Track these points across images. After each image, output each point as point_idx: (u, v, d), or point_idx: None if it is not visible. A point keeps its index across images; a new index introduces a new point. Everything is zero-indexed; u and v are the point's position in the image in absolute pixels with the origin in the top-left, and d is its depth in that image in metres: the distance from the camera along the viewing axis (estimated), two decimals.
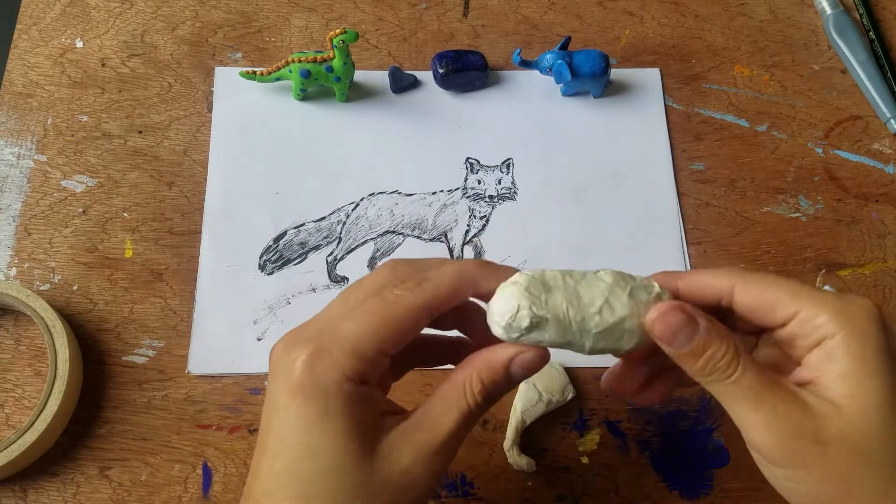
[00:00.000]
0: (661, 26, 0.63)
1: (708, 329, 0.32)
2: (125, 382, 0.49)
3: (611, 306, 0.33)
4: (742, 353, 0.32)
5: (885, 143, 0.59)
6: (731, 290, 0.34)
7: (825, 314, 0.32)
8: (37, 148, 0.55)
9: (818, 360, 0.32)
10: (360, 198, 0.55)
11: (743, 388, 0.32)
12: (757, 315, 0.34)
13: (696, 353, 0.32)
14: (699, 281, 0.35)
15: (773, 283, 0.33)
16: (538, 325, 0.33)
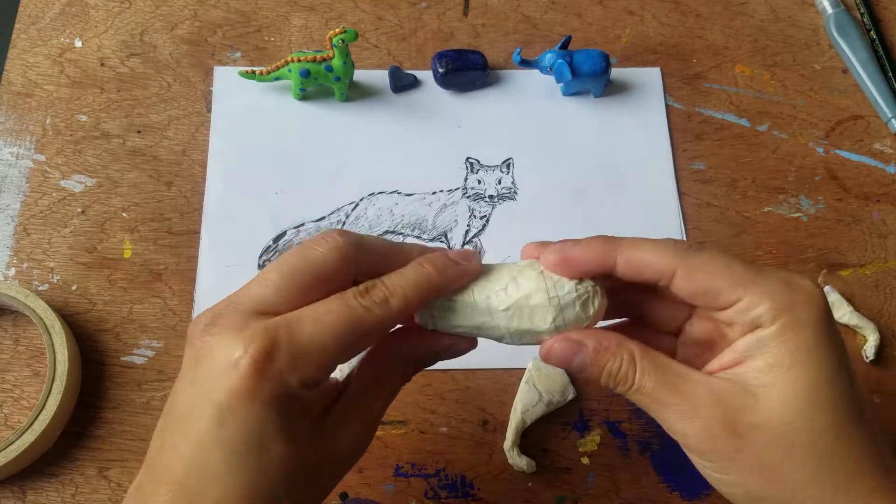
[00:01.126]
0: (662, 25, 0.62)
1: (597, 350, 0.33)
2: (124, 383, 0.48)
3: (517, 283, 0.34)
4: (639, 360, 0.33)
5: (887, 143, 0.59)
6: (672, 272, 0.33)
7: (766, 303, 0.31)
8: (35, 148, 0.55)
9: (748, 346, 0.32)
10: (359, 198, 0.55)
11: (645, 395, 0.32)
12: (697, 300, 0.33)
13: (595, 373, 0.33)
14: (640, 258, 0.33)
15: (716, 269, 0.32)
16: (448, 308, 0.34)
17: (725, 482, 0.32)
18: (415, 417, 0.48)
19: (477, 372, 0.50)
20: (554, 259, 0.34)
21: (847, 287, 0.53)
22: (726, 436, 0.31)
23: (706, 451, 0.31)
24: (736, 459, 0.31)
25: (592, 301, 0.34)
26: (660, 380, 0.32)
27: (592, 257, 0.34)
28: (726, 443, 0.31)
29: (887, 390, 0.50)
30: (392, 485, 0.47)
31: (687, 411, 0.31)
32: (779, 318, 0.31)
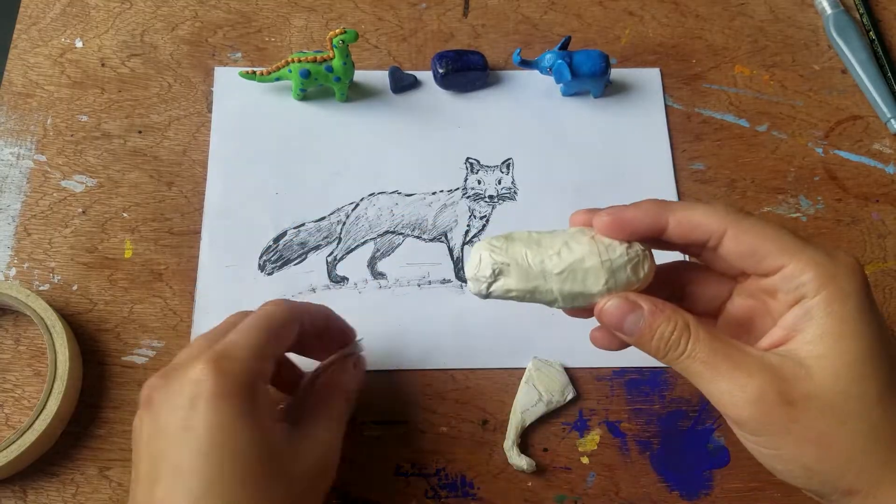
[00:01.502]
0: (662, 26, 0.63)
1: (653, 311, 0.33)
2: (125, 383, 0.48)
3: (569, 248, 0.34)
4: (693, 328, 0.32)
5: (886, 143, 0.59)
6: (722, 233, 0.33)
7: (811, 272, 0.32)
8: (36, 148, 0.55)
9: (795, 319, 0.32)
10: (359, 198, 0.55)
11: (699, 362, 0.32)
12: (744, 262, 0.34)
13: (647, 335, 0.33)
14: (691, 219, 0.34)
15: (765, 233, 0.33)
16: (500, 272, 0.35)
17: (780, 457, 0.32)
18: (415, 417, 0.48)
19: (477, 372, 0.50)
20: (607, 220, 0.34)
21: None
22: (781, 406, 0.30)
23: (760, 422, 0.31)
24: (790, 430, 0.31)
25: (643, 264, 0.35)
26: (714, 348, 0.32)
27: (645, 218, 0.34)
28: (781, 413, 0.31)
29: None
30: (392, 484, 0.47)
31: (740, 379, 0.31)
32: (824, 288, 0.31)
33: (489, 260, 0.35)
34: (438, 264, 0.53)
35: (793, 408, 0.31)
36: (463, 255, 0.54)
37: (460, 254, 0.54)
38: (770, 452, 0.32)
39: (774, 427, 0.31)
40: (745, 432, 0.32)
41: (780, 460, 0.32)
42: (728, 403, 0.31)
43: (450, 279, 0.53)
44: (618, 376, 0.50)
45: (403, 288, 0.52)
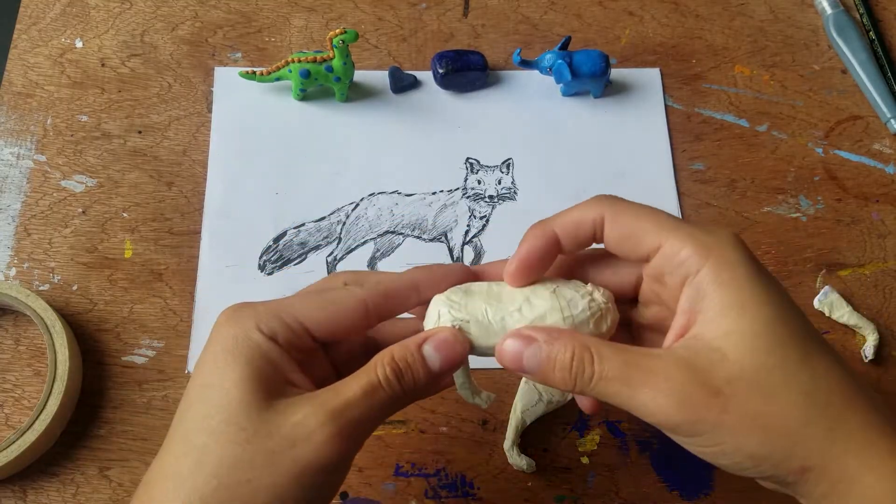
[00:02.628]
0: (662, 26, 0.63)
1: (548, 339, 0.32)
2: (125, 383, 0.49)
3: (530, 303, 0.33)
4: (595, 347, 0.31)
5: (886, 143, 0.59)
6: (601, 221, 0.33)
7: (687, 248, 0.31)
8: (36, 148, 0.55)
9: (689, 301, 0.31)
10: (360, 198, 0.55)
11: (612, 381, 0.30)
12: (625, 246, 0.33)
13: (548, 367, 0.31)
14: (571, 217, 0.34)
15: (640, 214, 0.33)
16: (460, 329, 0.33)
17: (723, 453, 0.30)
18: (415, 417, 0.48)
19: (477, 372, 0.50)
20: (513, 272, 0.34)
21: (846, 287, 0.53)
22: (707, 398, 0.29)
23: (692, 422, 0.29)
24: (724, 422, 0.29)
25: (605, 318, 0.34)
26: (623, 361, 0.30)
27: (536, 242, 0.34)
28: (709, 406, 0.29)
29: (887, 390, 0.50)
30: (392, 484, 0.47)
31: (660, 384, 0.29)
32: (706, 260, 0.30)
33: (448, 316, 0.34)
34: None
35: (719, 396, 0.29)
36: (463, 255, 0.54)
37: (460, 254, 0.54)
38: (712, 450, 0.30)
39: (708, 423, 0.29)
40: (682, 436, 0.30)
41: (724, 455, 0.30)
42: (655, 413, 0.30)
43: None
44: None
45: None
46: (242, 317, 0.33)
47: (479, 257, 0.54)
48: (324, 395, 0.31)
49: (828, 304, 0.52)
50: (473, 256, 0.54)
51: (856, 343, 0.52)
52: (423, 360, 0.33)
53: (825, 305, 0.52)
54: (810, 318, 0.53)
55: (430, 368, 0.33)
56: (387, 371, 0.32)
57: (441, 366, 0.33)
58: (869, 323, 0.51)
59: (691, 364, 0.30)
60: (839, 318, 0.52)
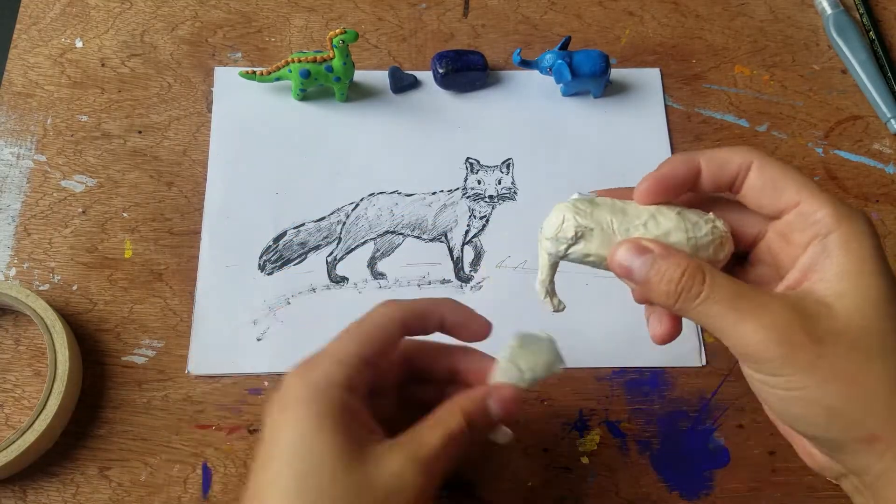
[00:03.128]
0: (662, 26, 0.63)
1: (663, 254, 0.33)
2: (125, 382, 0.49)
3: (656, 220, 0.34)
4: (708, 272, 0.32)
5: (886, 143, 0.59)
6: (748, 165, 0.34)
7: (825, 210, 0.32)
8: (36, 148, 0.55)
9: (812, 259, 0.32)
10: (360, 198, 0.55)
11: (718, 304, 0.31)
12: (764, 195, 0.33)
13: (655, 279, 0.32)
14: (719, 155, 0.34)
15: (786, 169, 0.33)
16: (583, 235, 0.34)
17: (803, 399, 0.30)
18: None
19: None
20: (647, 185, 0.35)
21: None
22: (807, 342, 0.30)
23: (786, 360, 0.30)
24: (816, 367, 0.30)
25: (724, 245, 0.34)
26: (735, 289, 0.31)
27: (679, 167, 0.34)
28: (807, 349, 0.30)
29: None
30: None
31: (764, 318, 0.30)
32: (839, 226, 0.31)
33: (573, 221, 0.34)
34: (438, 264, 0.53)
35: (819, 344, 0.30)
36: (463, 255, 0.54)
37: (460, 254, 0.54)
38: (793, 394, 0.30)
39: (800, 364, 0.30)
40: (768, 373, 0.31)
41: (803, 402, 0.30)
42: (753, 344, 0.30)
43: (450, 279, 0.53)
44: (618, 376, 0.50)
45: (403, 288, 0.52)
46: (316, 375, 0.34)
47: (479, 257, 0.54)
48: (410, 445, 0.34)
49: None
50: (473, 256, 0.54)
51: None
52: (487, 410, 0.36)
53: None
54: None
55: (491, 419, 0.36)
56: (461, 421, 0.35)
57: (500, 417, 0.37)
58: None
59: (800, 309, 0.31)
60: None
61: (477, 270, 0.53)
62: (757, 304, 0.31)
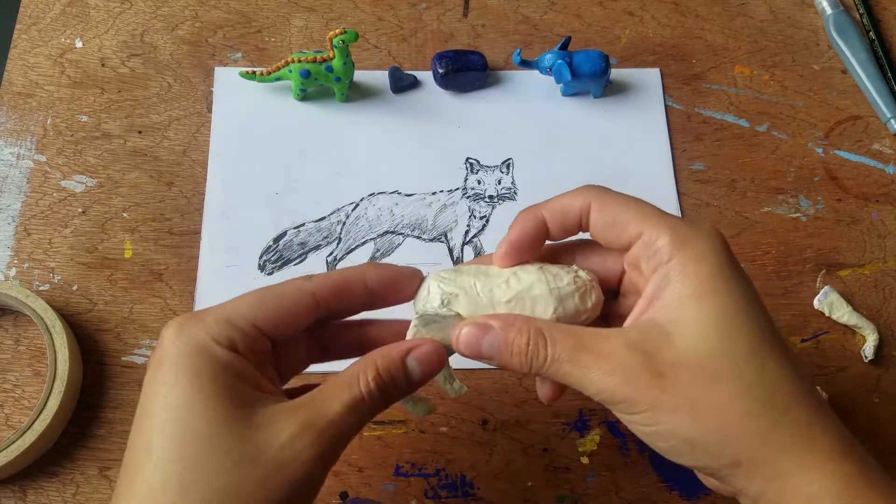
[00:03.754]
0: (661, 26, 0.63)
1: (503, 327, 0.33)
2: (125, 383, 0.49)
3: (517, 277, 0.35)
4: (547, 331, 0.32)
5: (886, 143, 0.59)
6: (588, 207, 0.34)
7: (665, 237, 0.32)
8: (36, 148, 0.55)
9: (655, 287, 0.32)
10: (360, 198, 0.55)
11: (563, 363, 0.31)
12: (609, 233, 0.34)
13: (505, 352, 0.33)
14: (560, 203, 0.35)
15: (625, 203, 0.34)
16: (449, 301, 0.35)
17: (659, 433, 0.30)
18: (415, 417, 0.48)
19: (477, 372, 0.50)
20: (500, 254, 0.35)
21: (846, 287, 0.53)
22: (648, 378, 0.30)
23: (632, 400, 0.30)
24: (662, 402, 0.30)
25: (590, 294, 0.35)
26: (574, 344, 0.32)
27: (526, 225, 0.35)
28: (649, 385, 0.30)
29: (887, 390, 0.51)
30: (392, 484, 0.47)
31: (606, 365, 0.31)
32: (678, 251, 0.31)
33: (437, 290, 0.35)
34: (438, 264, 0.53)
35: (660, 378, 0.30)
36: (463, 255, 0.54)
37: (460, 254, 0.54)
38: (649, 430, 0.31)
39: (647, 402, 0.30)
40: (623, 413, 0.31)
41: (660, 436, 0.31)
42: (601, 391, 0.31)
43: None
44: None
45: None
46: (194, 331, 0.31)
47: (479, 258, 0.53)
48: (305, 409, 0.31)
49: (828, 304, 0.52)
50: (473, 256, 0.54)
51: (856, 343, 0.52)
52: (405, 371, 0.33)
53: (825, 305, 0.52)
54: (810, 318, 0.53)
55: (411, 379, 0.33)
56: (371, 385, 0.32)
57: (421, 377, 0.33)
58: (869, 323, 0.51)
59: (639, 345, 0.31)
60: (839, 318, 0.52)
61: None
62: (597, 354, 0.31)
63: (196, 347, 0.31)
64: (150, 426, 0.30)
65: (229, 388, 0.30)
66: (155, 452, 0.29)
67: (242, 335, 0.32)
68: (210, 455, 0.29)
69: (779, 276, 0.54)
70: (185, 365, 0.30)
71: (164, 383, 0.30)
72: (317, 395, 0.32)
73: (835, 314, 0.52)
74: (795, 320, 0.52)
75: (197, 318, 0.32)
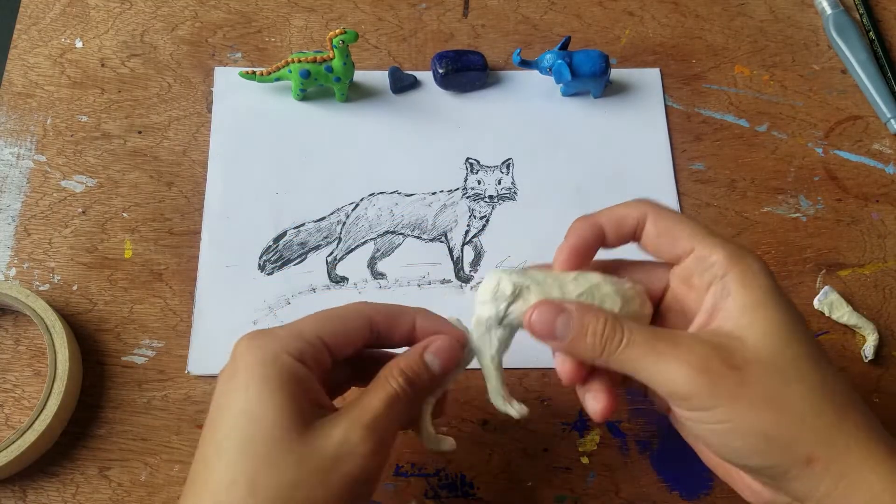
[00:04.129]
0: (661, 26, 0.63)
1: (580, 309, 0.34)
2: (125, 383, 0.49)
3: (584, 276, 0.36)
4: (622, 319, 0.33)
5: (886, 143, 0.59)
6: (644, 218, 0.35)
7: (719, 253, 0.33)
8: (36, 148, 0.55)
9: (715, 298, 0.33)
10: (360, 198, 0.55)
11: (639, 346, 0.33)
12: (661, 244, 0.35)
13: (580, 334, 0.34)
14: (617, 213, 0.36)
15: (679, 219, 0.35)
16: (520, 293, 0.35)
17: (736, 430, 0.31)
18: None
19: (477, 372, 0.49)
20: (563, 257, 0.36)
21: (846, 287, 0.53)
22: (727, 371, 0.31)
23: (710, 393, 0.31)
24: (740, 395, 0.31)
25: (646, 303, 0.36)
26: (650, 333, 0.33)
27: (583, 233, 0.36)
28: (728, 377, 0.31)
29: (887, 390, 0.51)
30: (392, 484, 0.47)
31: (682, 355, 0.31)
32: (734, 266, 0.33)
33: (509, 280, 0.35)
34: (438, 264, 0.53)
35: (739, 371, 0.31)
36: (463, 255, 0.54)
37: (460, 254, 0.54)
38: (725, 427, 0.31)
39: (725, 395, 0.31)
40: (696, 410, 0.31)
41: (737, 433, 0.31)
42: (675, 381, 0.31)
43: (450, 279, 0.53)
44: None
45: (403, 288, 0.52)
46: (266, 342, 0.34)
47: (479, 257, 0.54)
48: (353, 411, 0.34)
49: (828, 304, 0.52)
50: (473, 256, 0.54)
51: (856, 343, 0.52)
52: (425, 365, 0.36)
53: (825, 305, 0.52)
54: (810, 318, 0.53)
55: (432, 372, 0.36)
56: (400, 381, 0.35)
57: (440, 369, 0.37)
58: (869, 323, 0.51)
59: (713, 343, 0.32)
60: (839, 318, 0.52)
61: (477, 270, 0.53)
62: (674, 343, 0.32)
63: (267, 357, 0.33)
64: (221, 430, 0.33)
65: (294, 394, 0.33)
66: (226, 453, 0.32)
67: (310, 347, 0.35)
68: (277, 454, 0.32)
69: (779, 276, 0.54)
70: (256, 373, 0.33)
71: (235, 391, 0.33)
72: (358, 399, 0.35)
73: (835, 314, 0.52)
74: None
75: (268, 332, 0.35)
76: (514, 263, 0.53)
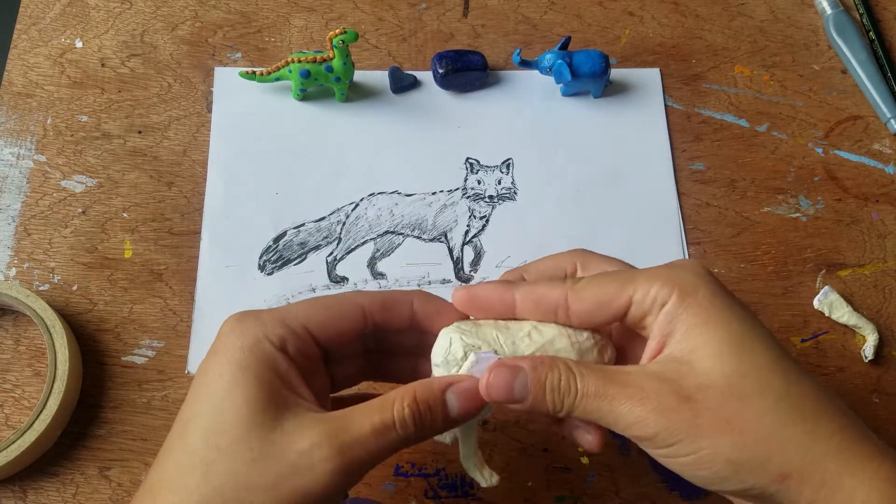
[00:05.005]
0: (661, 26, 0.63)
1: (534, 366, 0.32)
2: (125, 383, 0.49)
3: (538, 330, 0.34)
4: (574, 367, 0.32)
5: (886, 143, 0.59)
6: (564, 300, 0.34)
7: (656, 284, 0.32)
8: (36, 148, 0.55)
9: (661, 326, 0.32)
10: (359, 198, 0.55)
11: (593, 398, 0.31)
12: (596, 316, 0.34)
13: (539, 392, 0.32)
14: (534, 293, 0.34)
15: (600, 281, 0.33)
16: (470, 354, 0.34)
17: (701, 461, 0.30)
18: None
19: None
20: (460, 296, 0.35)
21: (846, 287, 0.53)
22: (680, 404, 0.30)
23: (668, 429, 0.30)
24: (697, 426, 0.30)
25: (607, 348, 0.35)
26: (601, 377, 0.32)
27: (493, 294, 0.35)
28: (683, 411, 0.30)
29: (887, 390, 0.51)
30: (392, 484, 0.47)
31: (635, 396, 0.30)
32: (672, 290, 0.32)
33: (460, 342, 0.34)
34: (438, 264, 0.53)
35: (692, 402, 0.30)
36: (463, 255, 0.54)
37: (460, 254, 0.54)
38: (691, 459, 0.30)
39: (682, 429, 0.30)
40: (660, 447, 0.31)
41: (703, 463, 0.30)
42: (633, 423, 0.31)
43: (450, 279, 0.53)
44: None
45: (403, 288, 0.52)
46: (250, 326, 0.33)
47: (479, 257, 0.54)
48: (333, 423, 0.31)
49: (828, 304, 0.52)
50: (473, 256, 0.54)
51: (856, 343, 0.52)
52: (444, 405, 0.33)
53: (825, 305, 0.52)
54: (810, 318, 0.53)
55: (448, 415, 0.33)
56: (405, 413, 0.31)
57: (459, 414, 0.33)
58: (869, 323, 0.51)
59: (662, 375, 0.31)
60: (839, 318, 0.52)
61: (477, 270, 0.53)
62: (623, 384, 0.31)
63: (247, 342, 0.32)
64: (190, 410, 0.32)
65: (269, 386, 0.31)
66: (189, 434, 0.31)
67: (293, 336, 0.33)
68: (237, 448, 0.30)
69: (779, 276, 0.54)
70: (234, 358, 0.32)
71: (211, 373, 0.32)
72: (349, 413, 0.32)
73: (835, 314, 0.52)
74: (795, 320, 0.52)
75: (254, 315, 0.33)
76: (514, 263, 0.53)
